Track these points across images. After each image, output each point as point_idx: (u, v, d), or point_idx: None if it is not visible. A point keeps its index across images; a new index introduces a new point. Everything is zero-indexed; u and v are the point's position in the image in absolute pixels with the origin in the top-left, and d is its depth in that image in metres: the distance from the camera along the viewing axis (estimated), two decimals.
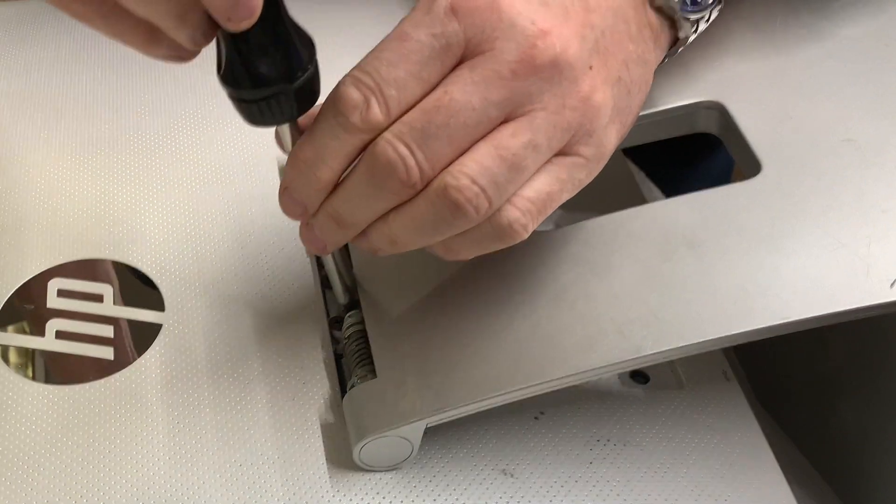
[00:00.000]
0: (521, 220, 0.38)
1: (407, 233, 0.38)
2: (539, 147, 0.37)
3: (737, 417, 0.46)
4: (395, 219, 0.38)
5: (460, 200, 0.37)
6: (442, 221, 0.37)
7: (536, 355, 0.41)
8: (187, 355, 0.46)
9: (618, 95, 0.40)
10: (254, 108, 0.37)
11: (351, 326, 0.45)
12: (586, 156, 0.39)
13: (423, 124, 0.36)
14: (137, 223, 0.51)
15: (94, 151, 0.55)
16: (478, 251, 0.39)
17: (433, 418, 0.41)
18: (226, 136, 0.56)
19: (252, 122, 0.38)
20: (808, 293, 0.40)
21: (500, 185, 0.37)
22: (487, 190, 0.37)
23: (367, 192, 0.38)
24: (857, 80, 0.48)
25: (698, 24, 0.45)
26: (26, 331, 0.47)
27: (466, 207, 0.37)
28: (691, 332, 0.40)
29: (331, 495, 0.42)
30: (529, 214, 0.38)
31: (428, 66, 0.37)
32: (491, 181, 0.37)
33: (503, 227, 0.38)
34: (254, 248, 0.50)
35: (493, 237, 0.38)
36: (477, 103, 0.37)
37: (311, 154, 0.38)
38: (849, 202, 0.43)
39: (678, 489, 0.43)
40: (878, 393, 0.54)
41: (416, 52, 0.37)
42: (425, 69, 0.37)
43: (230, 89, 0.37)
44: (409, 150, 0.36)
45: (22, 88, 0.59)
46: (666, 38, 0.44)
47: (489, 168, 0.37)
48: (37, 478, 0.42)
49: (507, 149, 0.37)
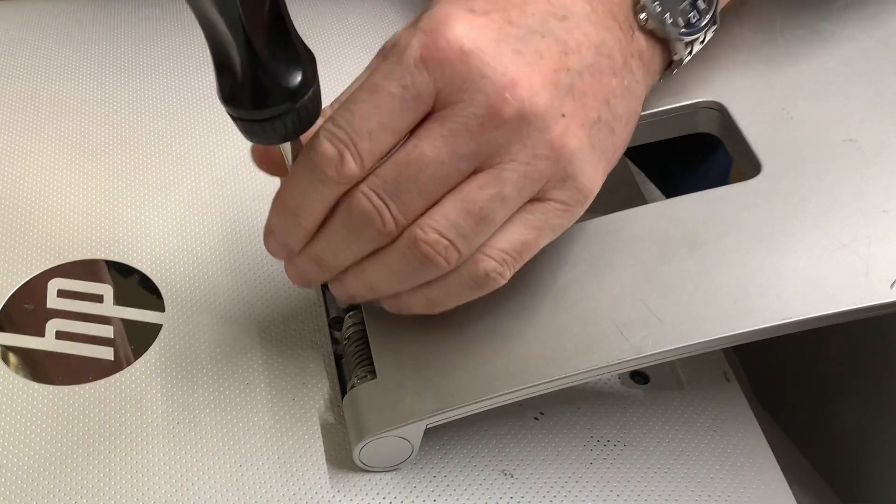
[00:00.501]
0: (498, 268, 0.39)
1: (382, 280, 0.40)
2: (507, 199, 0.38)
3: (737, 418, 0.46)
4: (371, 266, 0.40)
5: (430, 253, 0.38)
6: (414, 271, 0.39)
7: (536, 355, 0.41)
8: (187, 355, 0.46)
9: (596, 136, 0.39)
10: (256, 128, 0.37)
11: (351, 326, 0.45)
12: (562, 200, 0.39)
13: (395, 177, 0.37)
14: (137, 223, 0.51)
15: (94, 151, 0.55)
16: (459, 300, 0.41)
17: (433, 419, 0.41)
18: (226, 136, 0.56)
19: (252, 139, 0.38)
20: (808, 293, 0.40)
21: (467, 238, 0.38)
22: (455, 242, 0.38)
23: (346, 239, 0.39)
24: (857, 80, 0.48)
25: (693, 46, 0.44)
26: (26, 331, 0.47)
27: (436, 258, 0.38)
28: (691, 333, 0.40)
29: (331, 495, 0.42)
30: (505, 264, 0.39)
31: (399, 117, 0.37)
32: (458, 234, 0.38)
33: (480, 277, 0.39)
34: (254, 248, 0.50)
35: (472, 287, 0.40)
36: (446, 157, 0.37)
37: (293, 204, 0.39)
38: (849, 202, 0.43)
39: (678, 489, 0.43)
40: (878, 393, 0.54)
41: (387, 103, 0.37)
42: (397, 120, 0.37)
43: (232, 109, 0.37)
44: (383, 202, 0.38)
45: (22, 88, 0.59)
46: (658, 62, 0.44)
47: (455, 221, 0.38)
48: (37, 478, 0.42)
49: (473, 202, 0.38)
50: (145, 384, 0.45)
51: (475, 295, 0.40)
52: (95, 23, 0.63)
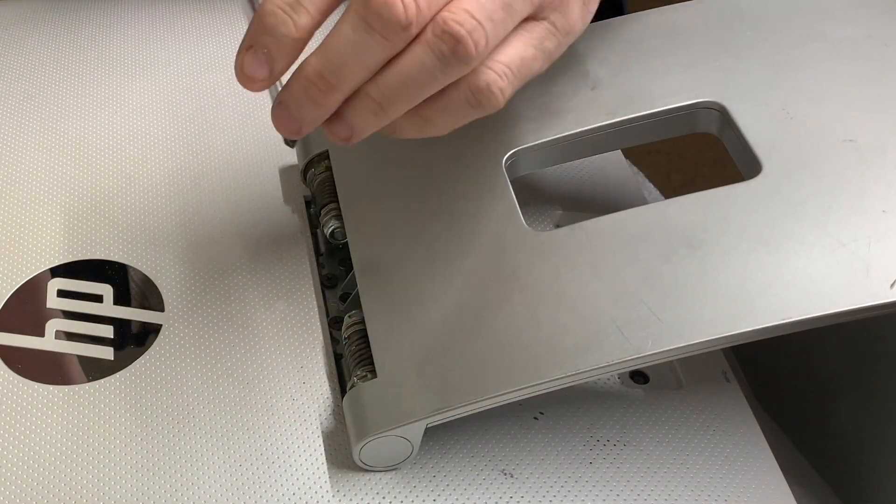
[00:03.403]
0: (499, 82, 0.39)
1: (396, 88, 0.38)
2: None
3: (736, 418, 0.46)
4: (385, 74, 0.37)
5: (461, 32, 0.37)
6: (439, 63, 0.37)
7: (536, 355, 0.41)
8: (187, 355, 0.46)
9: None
10: None
11: (351, 326, 0.45)
12: (554, 22, 0.41)
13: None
14: (137, 223, 0.51)
15: (94, 151, 0.55)
16: (454, 121, 0.40)
17: (433, 418, 0.41)
18: (226, 136, 0.56)
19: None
20: (808, 293, 0.40)
21: (494, 23, 0.38)
22: (484, 24, 0.37)
23: (357, 43, 0.36)
24: (857, 80, 0.48)
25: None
26: (26, 331, 0.47)
27: (466, 40, 0.37)
28: (691, 332, 0.40)
29: (331, 495, 0.42)
30: (507, 77, 0.39)
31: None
32: (487, 16, 0.37)
33: (481, 89, 0.38)
34: (254, 248, 0.50)
35: (472, 102, 0.39)
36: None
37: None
38: (849, 202, 0.43)
39: (678, 489, 0.43)
40: (878, 393, 0.54)
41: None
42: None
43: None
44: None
45: (22, 88, 0.59)
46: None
47: (484, 4, 0.37)
48: (36, 478, 0.42)
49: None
50: (145, 384, 0.45)
51: (473, 113, 0.39)
52: (95, 22, 0.63)
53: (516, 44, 0.40)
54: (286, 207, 0.52)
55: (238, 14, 0.62)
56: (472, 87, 0.38)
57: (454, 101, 0.39)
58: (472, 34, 0.37)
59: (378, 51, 0.37)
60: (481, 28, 0.37)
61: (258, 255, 0.50)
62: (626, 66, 0.50)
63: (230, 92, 0.58)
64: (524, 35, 0.40)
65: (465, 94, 0.39)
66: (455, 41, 0.37)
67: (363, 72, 0.37)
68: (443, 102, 0.39)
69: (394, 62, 0.37)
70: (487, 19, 0.38)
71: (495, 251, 0.44)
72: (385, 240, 0.47)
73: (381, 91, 0.38)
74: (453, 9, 0.37)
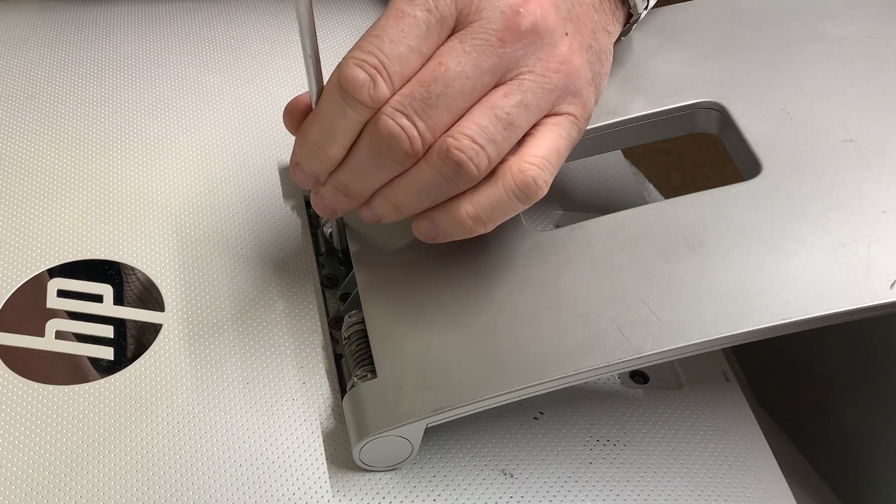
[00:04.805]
0: (541, 174, 0.41)
1: (410, 197, 0.42)
2: (529, 106, 0.41)
3: (736, 418, 0.46)
4: (399, 185, 0.41)
5: (462, 158, 0.40)
6: (445, 182, 0.40)
7: (536, 355, 0.41)
8: (187, 355, 0.46)
9: (591, 60, 0.44)
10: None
11: (351, 326, 0.45)
12: (574, 114, 0.43)
13: (423, 95, 0.39)
14: (137, 223, 0.51)
15: (94, 151, 0.55)
16: (504, 216, 0.42)
17: (433, 418, 0.41)
18: (226, 136, 0.56)
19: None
20: (808, 293, 0.40)
21: (496, 143, 0.40)
22: (486, 147, 0.40)
23: (373, 164, 0.41)
24: (857, 80, 0.48)
25: (648, 2, 0.48)
26: (26, 331, 0.47)
27: (468, 165, 0.40)
28: (692, 332, 0.40)
29: (331, 495, 0.42)
30: (546, 169, 0.41)
31: (426, 39, 0.40)
32: (489, 139, 0.40)
33: (529, 184, 0.41)
34: (254, 248, 0.50)
35: (520, 197, 0.41)
36: (470, 71, 0.40)
37: (321, 134, 0.41)
38: (849, 202, 0.43)
39: (678, 489, 0.43)
40: (878, 393, 0.54)
41: (414, 27, 0.40)
42: (423, 43, 0.40)
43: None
44: (411, 121, 0.40)
45: (22, 88, 0.59)
46: (621, 14, 0.48)
47: (486, 127, 0.40)
48: (36, 478, 0.42)
49: (500, 108, 0.40)
50: (145, 384, 0.45)
51: (521, 206, 0.42)
52: (95, 23, 0.63)
53: (549, 136, 0.42)
54: (286, 207, 0.52)
55: (237, 13, 0.62)
56: (519, 183, 0.41)
57: (503, 198, 0.41)
58: (474, 159, 0.40)
59: (392, 169, 0.41)
60: (483, 152, 0.40)
61: (258, 255, 0.50)
62: (627, 66, 0.50)
63: (230, 92, 0.58)
64: (553, 129, 0.42)
65: (513, 191, 0.41)
66: (458, 166, 0.40)
67: (380, 182, 0.42)
68: (492, 199, 0.41)
69: (407, 173, 0.41)
70: (489, 142, 0.40)
71: (495, 251, 0.44)
72: (385, 240, 0.47)
73: (396, 197, 0.42)
74: (456, 134, 0.40)
